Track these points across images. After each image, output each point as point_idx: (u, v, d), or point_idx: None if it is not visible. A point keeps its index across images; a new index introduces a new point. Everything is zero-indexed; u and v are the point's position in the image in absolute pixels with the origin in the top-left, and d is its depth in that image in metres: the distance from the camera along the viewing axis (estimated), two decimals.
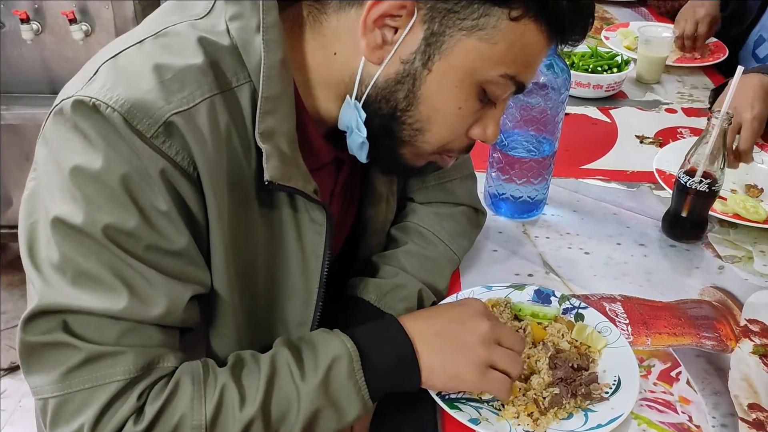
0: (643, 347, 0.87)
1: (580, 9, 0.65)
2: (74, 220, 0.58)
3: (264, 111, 0.63)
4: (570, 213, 1.14)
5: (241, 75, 0.64)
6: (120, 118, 0.58)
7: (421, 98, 0.67)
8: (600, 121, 1.46)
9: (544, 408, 0.75)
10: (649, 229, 1.10)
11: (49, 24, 1.85)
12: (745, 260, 1.04)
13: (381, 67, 0.66)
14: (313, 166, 0.70)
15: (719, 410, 0.79)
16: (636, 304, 0.95)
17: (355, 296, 0.84)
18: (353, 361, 0.67)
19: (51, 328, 0.60)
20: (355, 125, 0.69)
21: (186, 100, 0.60)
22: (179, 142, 0.59)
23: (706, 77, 1.68)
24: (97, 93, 0.59)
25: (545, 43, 0.66)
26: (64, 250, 0.59)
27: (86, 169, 0.58)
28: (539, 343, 0.82)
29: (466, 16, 0.62)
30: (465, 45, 0.64)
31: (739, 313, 0.94)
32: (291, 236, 0.72)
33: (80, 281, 0.59)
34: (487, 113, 0.71)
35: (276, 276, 0.73)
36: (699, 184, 1.00)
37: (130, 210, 0.59)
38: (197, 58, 0.62)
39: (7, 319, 2.09)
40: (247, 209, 0.67)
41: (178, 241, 0.62)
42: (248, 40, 0.64)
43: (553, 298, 0.91)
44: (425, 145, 0.71)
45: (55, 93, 2.23)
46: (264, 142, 0.63)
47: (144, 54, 0.62)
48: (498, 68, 0.65)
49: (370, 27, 0.64)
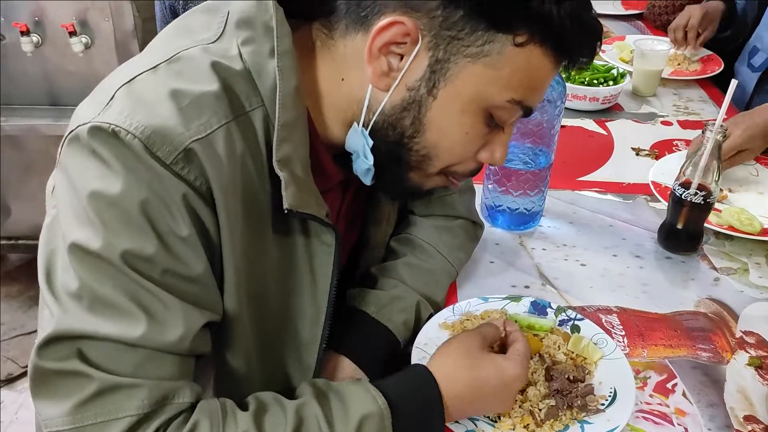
0: (639, 359, 0.88)
1: (586, 31, 0.64)
2: (92, 245, 0.58)
3: (280, 138, 0.63)
4: (566, 225, 1.15)
5: (254, 99, 0.64)
6: (140, 144, 0.57)
7: (427, 125, 0.67)
8: (596, 134, 1.47)
9: (541, 420, 0.75)
10: (645, 241, 1.11)
11: (49, 36, 1.87)
12: (740, 272, 1.04)
13: (388, 94, 0.66)
14: (322, 187, 0.70)
15: (715, 422, 0.79)
16: (632, 315, 0.95)
17: (354, 307, 0.85)
18: (384, 419, 0.65)
19: (66, 355, 0.58)
20: (362, 151, 0.70)
21: (204, 126, 0.60)
22: (197, 168, 0.59)
23: (702, 90, 1.69)
24: (115, 119, 0.58)
25: (552, 67, 0.66)
26: (81, 276, 0.58)
27: (105, 193, 0.58)
28: (535, 355, 0.82)
29: (470, 42, 0.62)
30: (470, 71, 0.64)
31: (734, 324, 0.94)
32: (302, 259, 0.71)
33: (97, 307, 0.58)
34: (495, 137, 0.71)
35: (286, 298, 0.73)
36: (694, 196, 1.01)
37: (148, 235, 0.58)
38: (212, 84, 0.61)
39: (6, 330, 2.09)
40: (260, 233, 0.67)
41: (196, 267, 0.61)
42: (261, 64, 0.64)
43: (550, 309, 0.91)
44: (431, 169, 0.71)
45: (55, 105, 2.24)
46: (281, 169, 0.63)
47: (159, 80, 0.62)
48: (504, 94, 0.65)
49: (375, 55, 0.64)
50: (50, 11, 1.83)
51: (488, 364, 0.73)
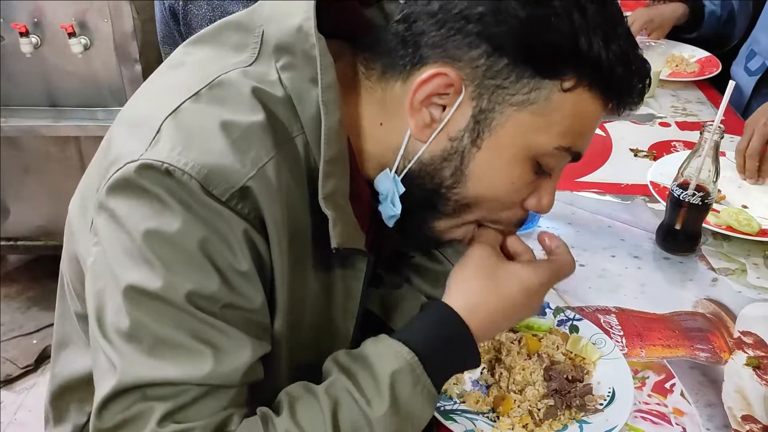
0: (638, 359, 0.88)
1: (635, 71, 0.62)
2: (152, 286, 0.56)
3: (325, 173, 0.61)
4: (565, 225, 1.15)
5: (294, 127, 0.62)
6: (197, 184, 0.56)
7: (469, 175, 0.64)
8: (595, 135, 1.47)
9: (539, 419, 0.75)
10: (644, 242, 1.11)
11: (48, 37, 1.87)
12: (738, 273, 1.05)
13: (426, 144, 0.63)
14: (356, 213, 0.67)
15: (713, 422, 0.79)
16: (630, 316, 0.95)
17: None
18: (415, 369, 0.63)
19: (130, 405, 0.56)
20: (391, 197, 0.67)
21: (255, 161, 0.58)
22: (251, 203, 0.58)
23: (700, 91, 1.69)
24: (167, 157, 0.56)
25: (601, 110, 0.63)
26: (139, 319, 0.56)
27: (162, 232, 0.56)
28: (534, 355, 0.83)
29: (516, 91, 0.60)
30: (516, 120, 0.61)
31: (732, 325, 0.94)
32: (339, 287, 0.70)
33: (158, 350, 0.56)
34: (543, 184, 0.67)
35: (321, 323, 0.71)
36: (692, 197, 1.02)
37: (210, 273, 0.57)
38: (258, 114, 0.60)
39: (4, 331, 2.09)
40: (302, 264, 0.65)
41: (255, 300, 0.60)
42: (303, 91, 0.61)
43: (548, 310, 0.91)
44: (471, 216, 0.68)
45: (55, 106, 2.23)
46: (327, 207, 0.61)
47: (205, 109, 0.60)
48: (553, 141, 0.62)
49: (417, 107, 0.62)
50: (49, 12, 1.83)
51: (508, 279, 0.68)
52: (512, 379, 0.79)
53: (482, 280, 0.68)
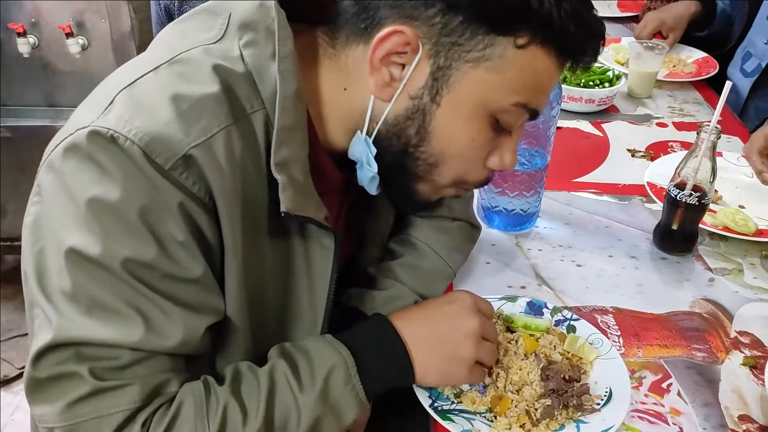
0: (635, 359, 0.88)
1: (587, 30, 0.64)
2: (91, 251, 0.58)
3: (279, 141, 0.63)
4: (562, 226, 1.15)
5: (255, 102, 0.63)
6: (139, 151, 0.57)
7: (432, 132, 0.66)
8: (592, 135, 1.47)
9: (536, 419, 0.75)
10: (641, 242, 1.11)
11: (45, 38, 1.87)
12: (735, 273, 1.05)
13: (390, 103, 0.66)
14: (322, 189, 0.70)
15: (710, 422, 0.80)
16: (627, 316, 0.95)
17: (351, 307, 0.85)
18: (349, 367, 0.68)
19: (63, 360, 0.59)
20: (366, 160, 0.69)
21: (204, 131, 0.60)
22: (196, 173, 0.59)
23: (697, 92, 1.70)
24: (114, 124, 0.58)
25: (556, 68, 0.65)
26: (78, 281, 0.58)
27: (104, 200, 0.57)
28: (531, 355, 0.83)
29: (471, 47, 0.62)
30: (473, 77, 0.63)
31: (729, 325, 0.95)
32: (300, 262, 0.71)
33: (95, 312, 0.59)
34: (503, 141, 0.70)
35: (285, 301, 0.73)
36: (689, 197, 1.02)
37: (148, 242, 0.59)
38: (213, 86, 0.61)
39: (3, 331, 2.09)
40: (258, 236, 0.67)
41: (194, 270, 0.61)
42: (263, 67, 0.63)
43: (546, 309, 0.92)
44: (440, 178, 0.70)
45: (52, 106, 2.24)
46: (279, 172, 0.63)
47: (160, 82, 0.62)
48: (509, 97, 0.65)
49: (376, 66, 0.64)
50: (47, 12, 1.83)
51: (441, 305, 0.78)
52: (509, 378, 0.79)
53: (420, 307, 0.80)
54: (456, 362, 0.74)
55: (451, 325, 0.75)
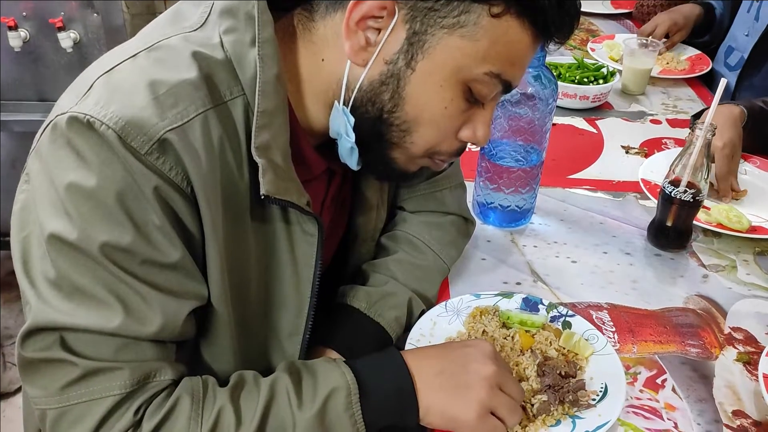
0: (630, 355, 0.88)
1: (563, 6, 0.64)
2: (69, 236, 0.58)
3: (259, 125, 0.63)
4: (557, 222, 1.15)
5: (234, 89, 0.64)
6: (114, 135, 0.57)
7: (406, 98, 0.67)
8: (586, 132, 1.48)
9: (533, 415, 0.75)
10: (635, 239, 1.12)
11: (37, 32, 1.85)
12: (728, 269, 1.05)
13: (366, 69, 0.66)
14: (304, 177, 0.70)
15: (704, 417, 0.80)
16: (622, 312, 0.96)
17: (345, 304, 0.85)
18: (351, 393, 0.67)
19: (48, 345, 0.60)
20: (344, 130, 0.70)
21: (180, 115, 0.60)
22: (173, 158, 0.59)
23: (690, 89, 1.70)
24: (91, 110, 0.58)
25: (530, 41, 0.66)
26: (59, 266, 0.59)
27: (81, 186, 0.58)
28: (527, 351, 0.83)
29: (446, 13, 0.62)
30: (447, 43, 0.64)
31: (723, 321, 0.95)
32: (283, 248, 0.72)
33: (75, 297, 0.59)
34: (476, 114, 0.70)
35: (269, 287, 0.73)
36: (683, 194, 1.02)
37: (125, 226, 0.59)
38: (191, 72, 0.62)
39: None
40: (240, 222, 0.67)
41: (172, 255, 0.62)
42: (242, 53, 0.64)
43: (541, 306, 0.92)
44: (414, 146, 0.70)
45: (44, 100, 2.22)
46: (260, 156, 0.63)
47: (138, 69, 0.62)
48: (482, 66, 0.65)
49: (353, 29, 0.64)
50: (38, 6, 1.82)
51: (457, 347, 0.76)
52: None
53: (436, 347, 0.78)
54: (464, 407, 0.70)
55: (465, 366, 0.72)
